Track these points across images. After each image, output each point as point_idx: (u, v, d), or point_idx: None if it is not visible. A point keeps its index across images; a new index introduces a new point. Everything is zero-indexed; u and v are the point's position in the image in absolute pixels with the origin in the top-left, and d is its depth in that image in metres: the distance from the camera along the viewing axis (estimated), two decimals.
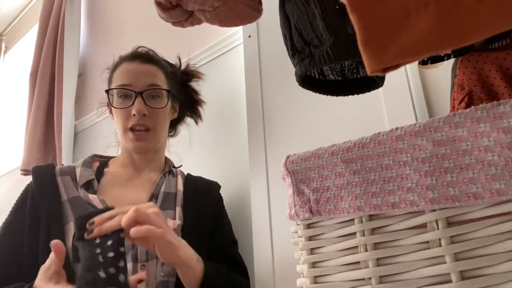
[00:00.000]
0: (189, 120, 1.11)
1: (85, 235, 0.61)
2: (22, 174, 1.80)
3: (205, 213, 0.93)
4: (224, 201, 1.02)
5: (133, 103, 0.88)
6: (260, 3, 0.56)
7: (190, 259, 0.73)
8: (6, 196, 1.95)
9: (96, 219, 0.62)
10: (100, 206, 0.80)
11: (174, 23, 0.53)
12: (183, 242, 0.73)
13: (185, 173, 1.02)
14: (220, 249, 0.86)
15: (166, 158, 1.02)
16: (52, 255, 0.64)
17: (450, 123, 0.35)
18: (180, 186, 0.95)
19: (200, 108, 1.09)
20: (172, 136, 1.07)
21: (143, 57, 0.94)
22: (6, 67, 2.79)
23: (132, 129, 0.89)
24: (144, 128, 0.89)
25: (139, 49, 0.98)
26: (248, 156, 1.07)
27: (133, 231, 0.62)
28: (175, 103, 1.00)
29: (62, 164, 1.02)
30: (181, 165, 1.06)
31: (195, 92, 1.07)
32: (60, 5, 2.03)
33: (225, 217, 1.00)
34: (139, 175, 0.94)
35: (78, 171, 0.89)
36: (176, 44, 1.04)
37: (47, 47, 2.01)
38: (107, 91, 0.93)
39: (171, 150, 1.09)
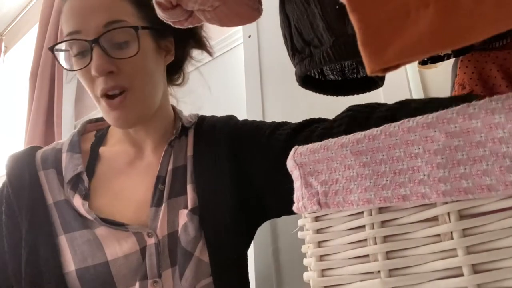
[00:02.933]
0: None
1: None
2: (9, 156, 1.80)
3: (222, 172, 0.68)
4: None
5: (92, 58, 0.61)
6: (260, 3, 0.56)
7: None
8: None
9: None
10: (88, 216, 0.62)
11: (174, 23, 0.53)
12: None
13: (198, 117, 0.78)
14: (281, 135, 0.65)
15: (175, 114, 0.76)
16: None
17: (464, 114, 0.34)
18: (190, 150, 0.72)
19: (204, 33, 0.78)
20: (179, 85, 0.81)
21: None
22: (6, 67, 2.79)
23: (105, 96, 0.63)
24: (118, 91, 0.63)
25: None
26: None
27: None
28: (164, 40, 0.71)
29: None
30: (197, 117, 0.79)
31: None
32: (60, 5, 2.03)
33: (253, 129, 0.73)
34: (142, 154, 0.72)
35: (63, 158, 0.67)
36: None
37: (47, 47, 2.01)
38: (51, 49, 0.65)
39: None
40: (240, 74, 1.18)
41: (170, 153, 0.71)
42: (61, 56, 0.66)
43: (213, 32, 1.30)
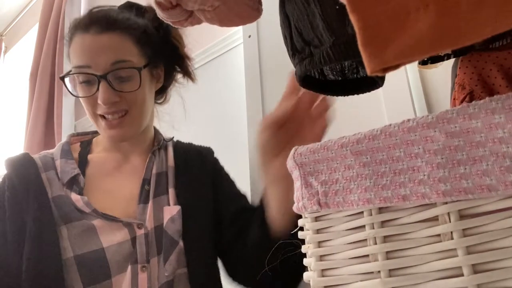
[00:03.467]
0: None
1: None
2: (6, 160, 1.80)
3: (202, 182, 0.82)
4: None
5: (98, 89, 0.71)
6: (260, 3, 0.56)
7: None
8: None
9: None
10: (86, 209, 0.70)
11: (173, 23, 0.53)
12: None
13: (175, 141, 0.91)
14: (232, 205, 0.77)
15: (155, 131, 0.88)
16: None
17: (464, 114, 0.34)
18: (171, 161, 0.84)
19: (189, 63, 0.88)
20: (161, 103, 0.92)
21: (101, 23, 0.72)
22: (6, 67, 2.79)
23: (103, 116, 0.74)
24: (118, 115, 0.74)
25: (95, 11, 0.76)
26: (248, 156, 1.07)
27: None
28: (156, 69, 0.82)
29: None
30: (172, 137, 0.92)
31: (178, 46, 0.86)
32: (60, 5, 2.03)
33: (224, 175, 0.88)
34: (128, 159, 0.82)
35: (57, 164, 0.76)
36: None
37: (47, 47, 2.01)
38: (62, 78, 0.74)
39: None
40: (240, 74, 1.18)
41: (153, 160, 0.82)
42: (67, 80, 0.76)
43: (213, 32, 1.30)
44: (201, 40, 1.35)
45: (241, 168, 1.11)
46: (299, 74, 0.54)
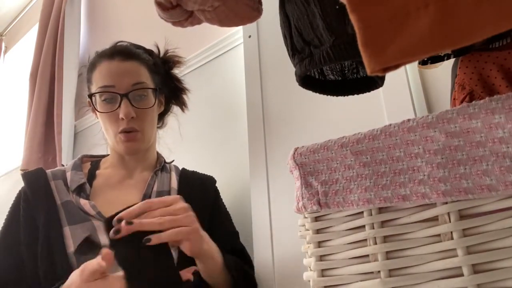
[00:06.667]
0: (183, 120, 1.10)
1: (111, 234, 0.58)
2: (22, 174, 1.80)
3: (201, 209, 0.88)
4: (224, 201, 1.02)
5: (119, 106, 0.84)
6: (260, 3, 0.56)
7: (213, 251, 0.72)
8: (6, 196, 1.95)
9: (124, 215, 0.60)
10: (91, 211, 0.80)
11: (174, 23, 0.53)
12: (205, 234, 0.72)
13: (180, 168, 1.00)
14: (222, 242, 0.82)
15: (158, 154, 1.00)
16: (99, 260, 0.59)
17: (464, 114, 0.34)
18: (174, 184, 0.93)
19: (185, 96, 1.05)
20: (160, 127, 1.05)
21: (124, 53, 0.88)
22: (6, 67, 2.79)
23: (124, 132, 0.87)
24: (133, 130, 0.87)
25: (118, 45, 0.93)
26: (248, 156, 1.07)
27: (165, 236, 0.61)
28: (160, 96, 0.97)
29: (63, 165, 1.02)
30: (173, 160, 1.03)
31: (178, 81, 1.03)
32: (60, 5, 2.03)
33: (223, 210, 0.98)
34: (131, 175, 0.93)
35: (68, 175, 0.88)
36: (176, 44, 1.04)
37: (47, 47, 2.01)
38: (89, 96, 0.89)
39: (168, 146, 1.10)
40: (240, 74, 1.18)
41: (155, 179, 0.92)
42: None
43: (213, 32, 1.30)
44: (201, 40, 1.35)
45: (241, 167, 1.11)
46: (299, 74, 0.54)
